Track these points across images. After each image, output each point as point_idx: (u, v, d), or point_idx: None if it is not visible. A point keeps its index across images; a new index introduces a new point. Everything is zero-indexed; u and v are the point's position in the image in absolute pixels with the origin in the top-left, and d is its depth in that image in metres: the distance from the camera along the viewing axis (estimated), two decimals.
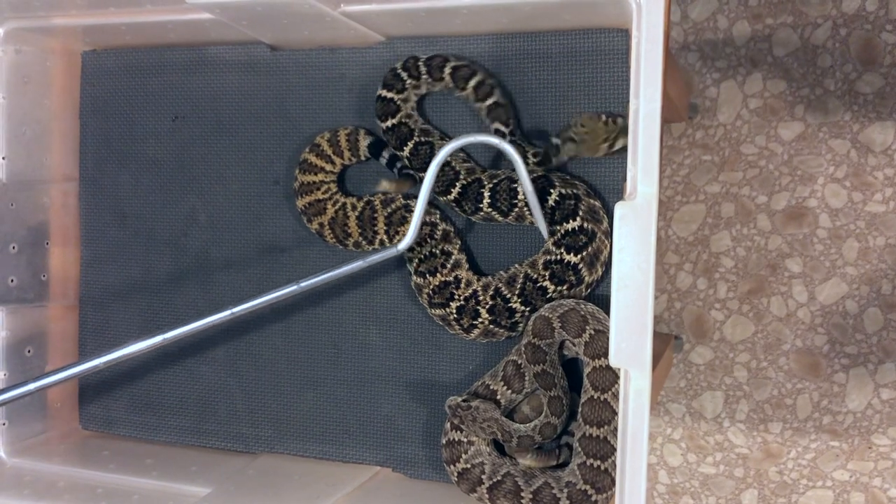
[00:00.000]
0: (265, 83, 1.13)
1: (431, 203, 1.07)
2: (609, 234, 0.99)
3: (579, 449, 0.95)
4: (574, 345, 0.98)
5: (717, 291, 1.71)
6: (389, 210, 1.06)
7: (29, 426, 1.17)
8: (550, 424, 0.98)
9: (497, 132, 1.02)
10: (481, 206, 1.01)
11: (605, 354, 0.94)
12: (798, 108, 1.65)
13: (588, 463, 0.94)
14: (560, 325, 0.96)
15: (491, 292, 1.02)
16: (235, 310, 0.97)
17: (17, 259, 1.15)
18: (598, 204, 1.00)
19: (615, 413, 0.93)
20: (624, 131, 0.95)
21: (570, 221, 0.98)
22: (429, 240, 1.04)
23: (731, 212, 1.69)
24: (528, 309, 1.00)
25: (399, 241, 1.04)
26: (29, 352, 1.17)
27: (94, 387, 1.23)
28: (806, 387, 1.67)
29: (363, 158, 1.09)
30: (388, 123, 1.05)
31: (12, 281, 1.14)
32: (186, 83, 1.17)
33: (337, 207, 1.09)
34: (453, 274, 1.04)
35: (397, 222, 1.06)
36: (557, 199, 0.98)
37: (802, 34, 1.64)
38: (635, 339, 0.78)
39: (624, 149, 0.97)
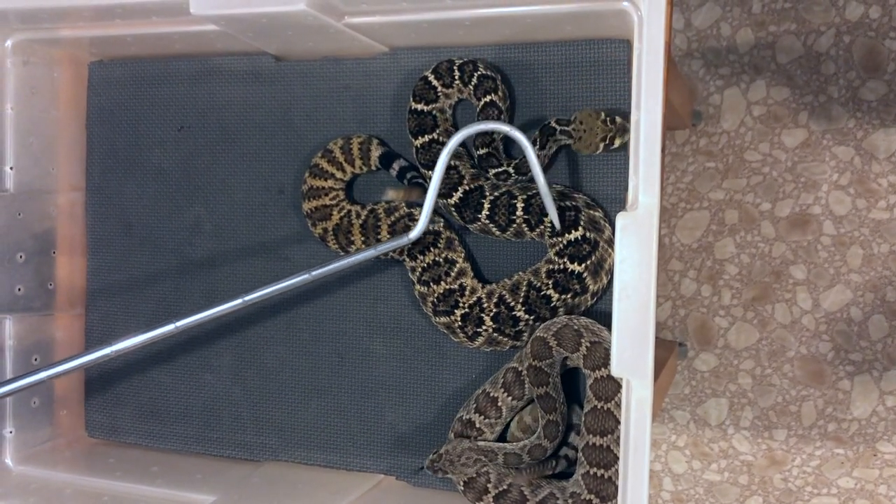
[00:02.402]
0: (270, 93, 1.14)
1: (435, 212, 1.07)
2: (612, 242, 0.99)
3: (583, 459, 0.96)
4: (574, 359, 0.98)
5: (721, 298, 1.71)
6: (393, 219, 1.07)
7: (35, 434, 1.18)
8: (541, 447, 0.98)
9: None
10: (479, 216, 1.02)
11: (605, 364, 0.95)
12: (802, 115, 1.65)
13: (592, 472, 0.94)
14: (556, 343, 0.97)
15: (495, 300, 1.02)
16: (247, 298, 0.96)
17: (25, 268, 1.16)
18: (598, 214, 1.01)
19: (618, 422, 0.94)
20: (622, 130, 0.96)
21: (573, 232, 0.98)
22: (432, 248, 1.05)
23: (734, 219, 1.69)
24: (531, 317, 1.00)
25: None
26: (36, 360, 1.18)
27: (100, 395, 1.24)
28: (811, 394, 1.66)
29: (373, 168, 1.10)
30: (420, 107, 1.04)
31: (19, 290, 1.15)
32: (192, 93, 1.18)
33: (342, 214, 1.09)
34: (458, 282, 1.04)
35: (401, 231, 1.06)
36: (557, 211, 0.98)
37: (806, 41, 1.64)
38: (637, 349, 0.78)
39: (623, 146, 0.97)
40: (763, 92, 1.67)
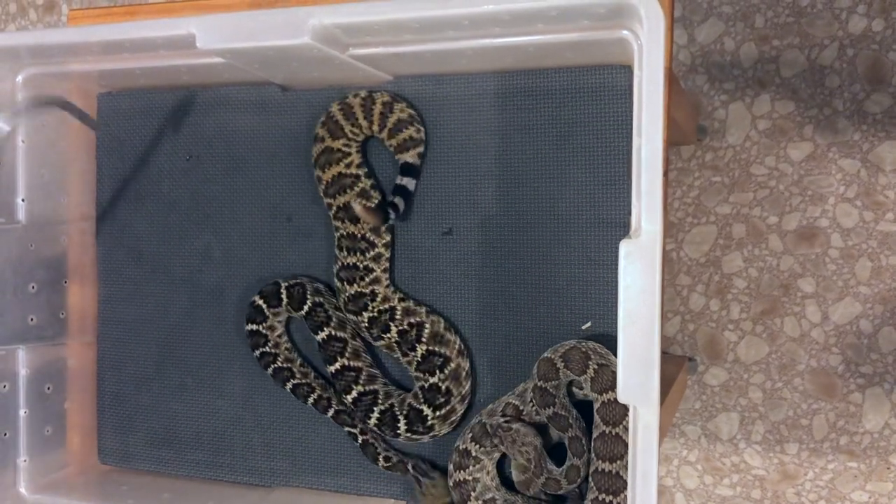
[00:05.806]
0: (277, 122, 1.15)
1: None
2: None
3: (592, 484, 0.96)
4: (581, 383, 0.99)
5: (729, 312, 1.71)
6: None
7: (49, 462, 1.19)
8: (574, 467, 0.98)
9: None
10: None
11: (612, 388, 0.95)
12: (807, 128, 1.65)
13: (600, 498, 0.95)
14: (563, 364, 0.97)
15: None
16: None
17: (37, 298, 1.17)
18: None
19: (627, 446, 0.94)
20: None
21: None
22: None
23: (742, 233, 1.69)
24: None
25: None
26: (48, 389, 1.19)
27: (113, 422, 1.25)
28: (822, 407, 1.66)
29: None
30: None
31: (32, 320, 1.17)
32: (200, 123, 1.19)
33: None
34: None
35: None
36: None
37: (809, 55, 1.65)
38: (642, 375, 0.79)
39: None
40: (768, 106, 1.68)
